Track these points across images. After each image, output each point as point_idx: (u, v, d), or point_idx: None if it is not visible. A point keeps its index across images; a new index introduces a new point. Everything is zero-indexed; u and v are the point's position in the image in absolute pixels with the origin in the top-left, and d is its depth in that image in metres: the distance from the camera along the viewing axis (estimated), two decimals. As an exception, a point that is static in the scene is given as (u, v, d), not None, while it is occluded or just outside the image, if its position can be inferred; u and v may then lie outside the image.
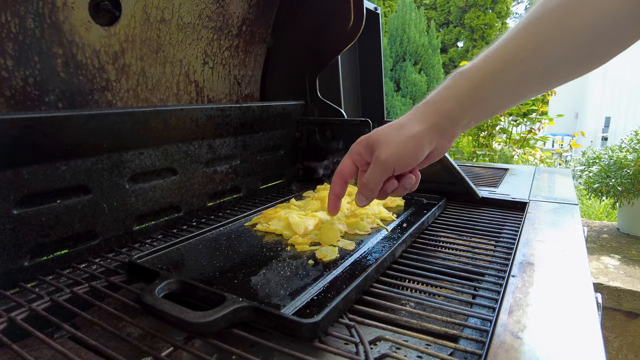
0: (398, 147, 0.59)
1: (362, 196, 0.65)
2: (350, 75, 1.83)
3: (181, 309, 0.47)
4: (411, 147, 0.59)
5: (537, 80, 0.53)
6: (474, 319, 0.53)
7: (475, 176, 1.35)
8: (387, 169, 0.61)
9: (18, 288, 0.62)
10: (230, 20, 1.15)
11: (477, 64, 0.55)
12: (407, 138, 0.59)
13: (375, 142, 0.62)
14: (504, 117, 3.64)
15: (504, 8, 13.38)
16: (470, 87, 0.55)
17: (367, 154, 0.64)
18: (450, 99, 0.57)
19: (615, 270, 1.77)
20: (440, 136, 0.59)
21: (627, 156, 2.00)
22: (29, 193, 0.63)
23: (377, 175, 0.62)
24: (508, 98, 0.56)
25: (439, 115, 0.58)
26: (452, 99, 0.57)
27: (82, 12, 0.81)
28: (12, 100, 0.73)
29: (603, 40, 0.48)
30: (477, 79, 0.54)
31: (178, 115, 0.86)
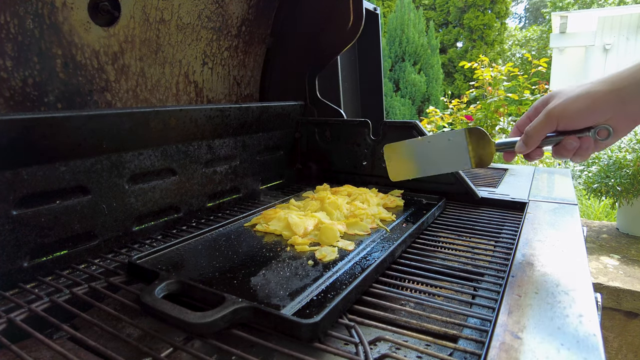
0: (567, 100, 0.56)
1: (522, 143, 0.64)
2: (349, 76, 1.83)
3: (181, 310, 0.47)
4: (581, 102, 0.55)
5: None
6: (474, 319, 0.53)
7: (475, 176, 1.35)
8: (549, 120, 0.58)
9: (17, 289, 0.62)
10: (230, 20, 1.15)
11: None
12: (579, 93, 0.56)
13: (552, 95, 0.60)
14: (504, 117, 3.64)
15: (503, 8, 13.38)
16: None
17: (542, 107, 0.62)
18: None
19: (614, 270, 1.77)
20: (621, 105, 0.54)
21: (626, 156, 2.00)
22: (28, 194, 0.63)
23: (538, 125, 0.60)
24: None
25: (627, 80, 0.53)
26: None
27: (82, 13, 0.81)
28: (12, 100, 0.73)
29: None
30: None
31: (177, 115, 0.86)
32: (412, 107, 9.55)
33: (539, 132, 0.61)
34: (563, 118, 0.58)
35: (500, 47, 14.95)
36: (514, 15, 28.64)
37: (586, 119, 0.57)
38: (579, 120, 0.58)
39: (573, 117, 0.58)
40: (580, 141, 0.60)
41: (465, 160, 0.75)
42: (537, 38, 15.60)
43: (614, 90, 0.54)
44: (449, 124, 4.21)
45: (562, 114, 0.58)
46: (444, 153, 0.78)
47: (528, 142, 0.63)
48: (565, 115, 0.58)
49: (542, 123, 0.60)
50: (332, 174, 1.24)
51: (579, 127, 0.59)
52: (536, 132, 0.61)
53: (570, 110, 0.57)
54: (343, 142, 1.20)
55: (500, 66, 3.75)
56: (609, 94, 0.55)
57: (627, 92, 0.54)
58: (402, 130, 1.08)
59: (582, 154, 0.61)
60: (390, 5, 12.44)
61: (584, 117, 0.57)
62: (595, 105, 0.56)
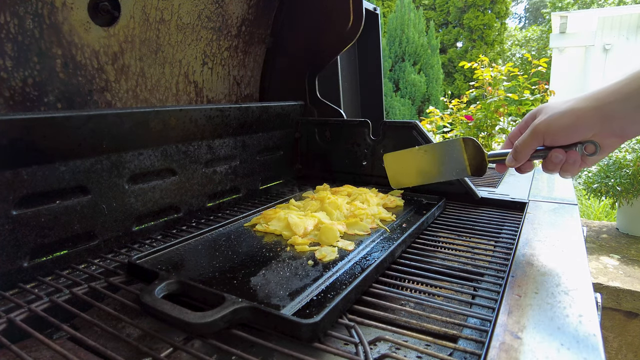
0: (553, 116, 0.58)
1: (511, 157, 0.66)
2: (349, 76, 1.83)
3: (181, 310, 0.47)
4: (565, 119, 0.57)
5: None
6: (474, 319, 0.53)
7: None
8: (536, 135, 0.60)
9: (17, 289, 0.62)
10: (230, 20, 1.15)
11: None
12: (564, 109, 0.57)
13: (540, 110, 0.62)
14: (504, 117, 3.64)
15: (502, 8, 13.39)
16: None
17: (530, 120, 0.64)
18: (634, 81, 0.52)
19: (614, 270, 1.77)
20: (606, 122, 0.54)
21: (626, 156, 2.00)
22: (28, 194, 0.63)
23: (526, 140, 0.61)
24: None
25: (613, 96, 0.53)
26: (635, 81, 0.52)
27: (81, 13, 0.81)
28: (11, 100, 0.73)
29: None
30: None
31: (177, 115, 0.86)
32: (412, 107, 9.55)
33: (527, 147, 0.62)
34: (548, 134, 0.59)
35: (500, 47, 14.95)
36: (514, 15, 28.66)
37: (571, 135, 0.58)
38: (564, 136, 0.59)
39: (558, 133, 0.59)
40: (567, 155, 0.61)
41: (463, 169, 0.78)
42: (537, 38, 15.61)
43: (598, 107, 0.55)
44: (449, 124, 4.21)
45: (547, 129, 0.59)
46: (442, 162, 0.80)
47: (517, 156, 0.65)
48: (550, 131, 0.59)
49: (529, 138, 0.62)
50: (332, 174, 1.24)
51: (564, 143, 0.60)
52: (524, 147, 0.63)
53: (555, 126, 0.58)
54: (343, 142, 1.20)
55: (500, 66, 3.75)
56: (593, 110, 0.55)
57: (612, 108, 0.54)
58: (402, 130, 1.08)
59: (570, 169, 0.62)
60: (390, 5, 12.44)
61: (568, 133, 0.58)
62: (580, 121, 0.56)
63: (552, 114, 0.58)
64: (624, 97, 0.53)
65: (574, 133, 0.57)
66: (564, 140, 0.59)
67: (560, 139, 0.59)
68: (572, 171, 0.62)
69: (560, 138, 0.59)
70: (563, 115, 0.57)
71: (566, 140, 0.59)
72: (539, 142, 0.61)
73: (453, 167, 0.79)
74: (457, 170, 0.78)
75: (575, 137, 0.58)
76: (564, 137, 0.59)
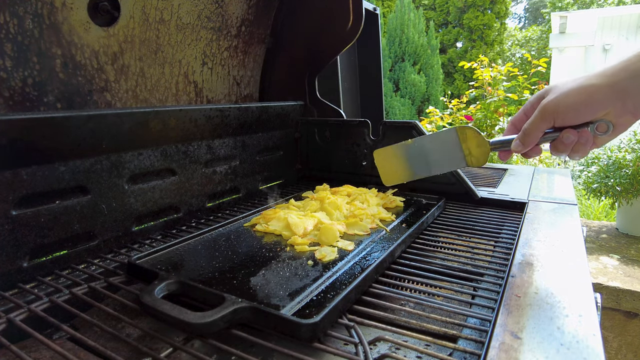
0: (563, 94, 0.55)
1: (519, 142, 0.62)
2: (349, 76, 1.83)
3: (180, 310, 0.47)
4: (576, 97, 0.54)
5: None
6: (473, 319, 0.53)
7: (474, 176, 1.35)
8: (546, 116, 0.57)
9: (17, 289, 0.62)
10: (230, 20, 1.15)
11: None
12: (574, 87, 0.54)
13: (547, 90, 0.59)
14: (503, 117, 3.64)
15: (502, 8, 13.39)
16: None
17: (537, 102, 0.61)
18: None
19: (614, 270, 1.77)
20: (620, 99, 0.52)
21: (625, 156, 2.00)
22: (27, 194, 0.63)
23: (535, 121, 0.58)
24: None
25: (624, 73, 0.51)
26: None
27: (81, 13, 0.81)
28: (11, 100, 0.73)
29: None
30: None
31: (177, 115, 0.86)
32: (412, 107, 9.55)
33: (536, 129, 0.60)
34: (559, 114, 0.57)
35: (500, 47, 14.95)
36: (514, 15, 28.65)
37: (583, 113, 0.56)
38: (576, 115, 0.56)
39: (569, 112, 0.56)
40: (579, 135, 0.58)
41: (460, 159, 0.73)
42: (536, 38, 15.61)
43: (611, 84, 0.53)
44: (449, 124, 4.21)
45: (557, 109, 0.56)
46: (436, 154, 0.76)
47: (525, 140, 0.62)
48: (560, 110, 0.56)
49: (538, 119, 0.59)
50: (331, 174, 1.24)
51: (576, 123, 0.58)
52: (533, 129, 0.60)
53: (566, 105, 0.56)
54: (343, 142, 1.20)
55: (499, 66, 3.75)
56: (606, 88, 0.53)
57: (625, 84, 0.52)
58: (402, 130, 1.08)
59: (581, 150, 0.59)
60: (390, 5, 12.44)
61: (580, 111, 0.56)
62: (592, 99, 0.54)
63: (562, 93, 0.56)
64: (638, 73, 0.52)
65: (586, 111, 0.55)
66: (576, 119, 0.56)
67: (572, 119, 0.56)
68: (583, 152, 0.59)
69: (571, 117, 0.56)
70: (574, 93, 0.54)
71: (578, 120, 0.56)
72: (549, 124, 0.58)
73: (450, 158, 0.74)
74: (454, 161, 0.74)
75: (588, 115, 0.55)
76: (575, 116, 0.56)
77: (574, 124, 0.58)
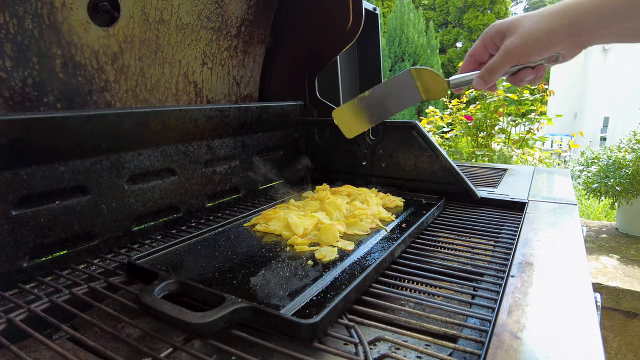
0: (525, 36, 0.60)
1: (481, 80, 0.67)
2: (349, 76, 1.83)
3: (180, 310, 0.47)
4: (539, 39, 0.59)
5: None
6: (473, 319, 0.53)
7: (474, 176, 1.35)
8: (510, 58, 0.62)
9: (17, 289, 0.62)
10: (230, 20, 1.15)
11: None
12: (537, 29, 0.59)
13: (509, 29, 0.63)
14: (503, 117, 3.64)
15: (502, 8, 13.40)
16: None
17: (498, 38, 0.65)
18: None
19: (614, 270, 1.77)
20: (576, 37, 0.58)
21: (625, 156, 2.00)
22: (27, 194, 0.63)
23: (500, 62, 0.63)
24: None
25: (581, 10, 0.56)
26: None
27: (81, 13, 0.81)
28: (11, 100, 0.73)
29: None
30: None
31: (177, 115, 0.86)
32: (412, 107, 9.55)
33: (500, 69, 0.64)
34: (523, 55, 0.62)
35: (500, 47, 14.88)
36: (514, 15, 28.64)
37: (544, 53, 0.61)
38: (538, 55, 0.62)
39: (532, 53, 0.62)
40: (535, 70, 0.64)
41: (415, 94, 0.77)
42: (536, 38, 15.62)
43: (570, 24, 0.57)
44: (449, 124, 4.21)
45: (521, 50, 0.61)
46: (393, 97, 0.79)
47: (488, 78, 0.66)
48: (524, 52, 0.62)
49: (503, 60, 0.63)
50: (331, 174, 1.24)
51: (535, 59, 0.63)
52: (497, 68, 0.64)
53: (529, 46, 0.61)
54: (343, 142, 1.20)
55: (499, 66, 3.74)
56: (566, 28, 0.58)
57: (582, 25, 0.57)
58: (402, 130, 1.08)
59: (537, 81, 0.66)
60: (390, 6, 12.45)
61: (542, 51, 0.61)
62: (553, 40, 0.59)
63: (525, 34, 0.60)
64: (593, 11, 0.56)
65: (546, 51, 0.61)
66: (536, 57, 0.63)
67: (533, 57, 0.62)
68: (537, 81, 0.66)
69: (533, 57, 0.62)
70: (536, 36, 0.60)
71: (538, 57, 0.63)
72: (512, 63, 0.63)
73: (406, 96, 0.78)
74: (410, 99, 0.78)
75: (547, 54, 0.62)
76: (537, 55, 0.62)
77: (534, 60, 0.64)
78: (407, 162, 1.10)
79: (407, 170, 1.10)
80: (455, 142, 4.04)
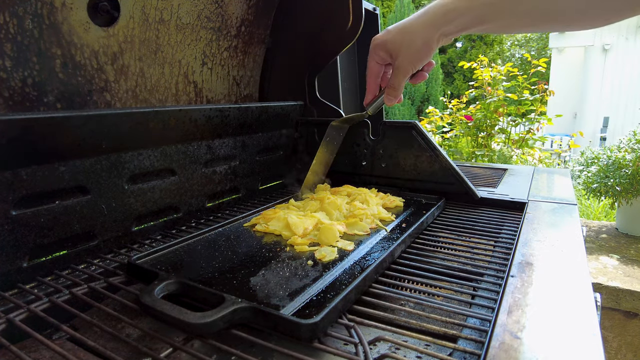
0: (414, 55, 0.75)
1: (390, 97, 0.85)
2: (349, 76, 1.83)
3: (180, 310, 0.47)
4: (424, 52, 0.74)
5: None
6: (473, 319, 0.53)
7: (474, 176, 1.35)
8: (405, 74, 0.79)
9: (17, 289, 0.62)
10: (229, 21, 1.15)
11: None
12: (421, 43, 0.73)
13: (394, 49, 0.78)
14: (503, 117, 3.64)
15: (502, 8, 13.37)
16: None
17: (387, 57, 0.81)
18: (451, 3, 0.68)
19: (614, 270, 1.77)
20: (444, 37, 0.73)
21: (625, 156, 2.00)
22: (27, 194, 0.63)
23: (401, 79, 0.80)
24: None
25: (443, 15, 0.69)
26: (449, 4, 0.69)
27: (81, 13, 0.81)
28: (11, 101, 0.73)
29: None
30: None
31: (177, 116, 0.86)
32: (412, 107, 9.56)
33: (400, 84, 0.81)
34: (415, 67, 0.78)
35: (500, 47, 14.96)
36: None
37: (427, 59, 0.78)
38: (423, 62, 0.78)
39: (418, 63, 0.78)
40: (427, 70, 0.84)
41: (344, 129, 1.11)
42: (536, 38, 15.62)
43: (440, 32, 0.71)
44: (449, 124, 4.21)
45: (412, 64, 0.77)
46: (333, 147, 1.09)
47: (395, 94, 0.84)
48: (415, 65, 0.78)
49: (400, 77, 0.80)
50: (331, 174, 1.24)
51: (422, 65, 0.80)
52: (398, 85, 0.82)
53: (418, 59, 0.77)
54: (343, 142, 1.20)
55: (499, 66, 3.75)
56: (438, 36, 0.72)
57: (447, 29, 0.71)
58: (402, 130, 1.08)
59: (428, 73, 0.85)
60: (390, 6, 12.45)
61: (425, 59, 0.77)
62: (431, 49, 0.74)
63: (411, 51, 0.75)
64: (450, 11, 0.69)
65: (428, 58, 0.77)
66: (423, 64, 0.79)
67: (421, 65, 0.79)
68: (427, 74, 0.86)
69: (420, 65, 0.79)
70: (422, 51, 0.74)
71: (424, 64, 0.79)
72: (407, 76, 0.80)
73: (338, 138, 1.10)
74: (342, 134, 1.10)
75: (429, 58, 0.78)
76: (423, 63, 0.78)
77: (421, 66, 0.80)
78: (407, 162, 1.10)
79: (407, 170, 1.10)
80: (455, 142, 4.05)
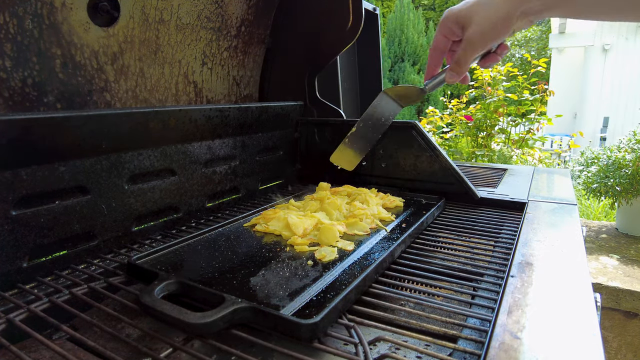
0: (488, 27, 0.65)
1: (453, 73, 0.74)
2: (349, 76, 1.83)
3: (180, 310, 0.47)
4: (498, 28, 0.65)
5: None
6: (473, 319, 0.53)
7: (474, 176, 1.35)
8: (475, 49, 0.68)
9: (17, 289, 0.62)
10: (229, 21, 1.15)
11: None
12: (497, 19, 0.64)
13: (467, 20, 0.67)
14: (503, 117, 3.64)
15: (502, 8, 13.39)
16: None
17: (458, 30, 0.70)
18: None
19: (614, 270, 1.77)
20: (523, 19, 0.64)
21: (625, 156, 2.00)
22: (27, 194, 0.63)
23: (467, 53, 0.69)
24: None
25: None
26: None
27: (81, 13, 0.81)
28: (11, 101, 0.73)
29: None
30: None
31: (177, 116, 0.86)
32: (412, 107, 9.56)
33: (468, 59, 0.70)
34: (487, 43, 0.68)
35: (500, 47, 14.86)
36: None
37: (502, 37, 0.68)
38: (498, 39, 0.68)
39: (495, 40, 0.68)
40: (500, 51, 0.73)
41: (394, 108, 0.94)
42: (536, 38, 15.63)
43: (522, 8, 0.63)
44: (449, 124, 4.21)
45: (484, 39, 0.67)
46: (375, 120, 0.95)
47: (460, 70, 0.73)
48: (487, 40, 0.67)
49: (469, 51, 0.69)
50: (332, 174, 1.24)
51: (497, 43, 0.70)
52: (465, 60, 0.71)
53: (491, 35, 0.67)
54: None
55: (499, 66, 3.75)
56: (520, 13, 0.63)
57: (530, 6, 0.62)
58: (402, 130, 1.08)
59: (501, 57, 0.74)
60: (390, 6, 12.45)
61: (500, 36, 0.67)
62: (508, 26, 0.65)
63: (483, 24, 0.65)
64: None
65: (504, 35, 0.67)
66: (498, 42, 0.69)
67: (495, 42, 0.69)
68: (500, 58, 0.74)
69: (494, 42, 0.69)
70: (494, 24, 0.65)
71: (499, 42, 0.70)
72: (478, 52, 0.70)
73: (387, 115, 0.94)
74: (392, 113, 0.94)
75: (505, 37, 0.68)
76: (497, 41, 0.69)
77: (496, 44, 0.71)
78: (407, 162, 1.10)
79: (407, 171, 1.10)
80: (455, 142, 4.04)
